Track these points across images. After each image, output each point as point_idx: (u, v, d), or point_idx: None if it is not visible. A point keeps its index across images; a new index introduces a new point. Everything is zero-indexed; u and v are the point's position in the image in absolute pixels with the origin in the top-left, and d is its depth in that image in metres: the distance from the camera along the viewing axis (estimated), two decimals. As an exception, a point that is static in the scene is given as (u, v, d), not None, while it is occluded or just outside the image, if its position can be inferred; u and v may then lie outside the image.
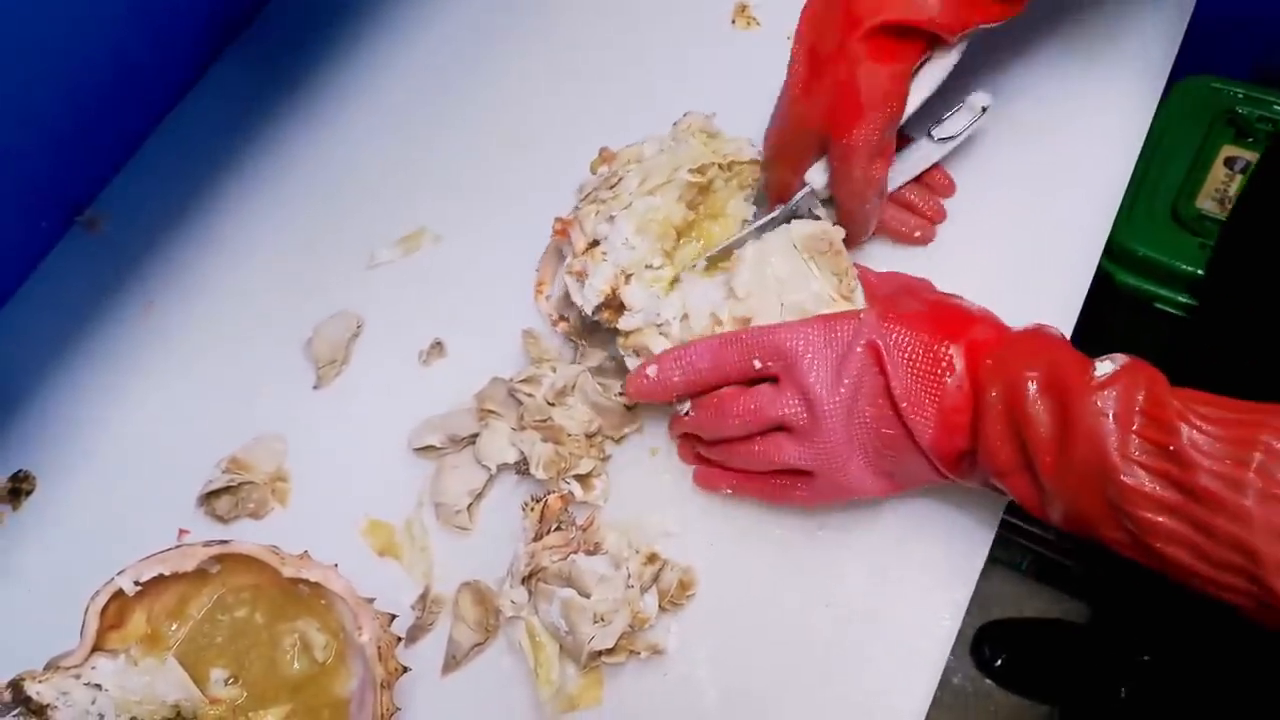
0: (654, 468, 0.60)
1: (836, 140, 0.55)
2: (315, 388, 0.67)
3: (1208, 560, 0.42)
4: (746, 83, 0.67)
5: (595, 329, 0.64)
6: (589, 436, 0.60)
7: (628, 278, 0.60)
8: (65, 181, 0.75)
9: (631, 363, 0.58)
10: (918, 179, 0.63)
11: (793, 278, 0.56)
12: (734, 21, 0.76)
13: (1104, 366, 0.45)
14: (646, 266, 0.61)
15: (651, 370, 0.55)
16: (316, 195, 0.75)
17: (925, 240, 0.63)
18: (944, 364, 0.50)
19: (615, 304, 0.60)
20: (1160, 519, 0.43)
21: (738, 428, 0.54)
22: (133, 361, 0.70)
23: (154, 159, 0.78)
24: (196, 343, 0.70)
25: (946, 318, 0.51)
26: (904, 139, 0.61)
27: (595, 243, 0.60)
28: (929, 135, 0.62)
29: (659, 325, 0.58)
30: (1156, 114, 0.67)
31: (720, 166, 0.61)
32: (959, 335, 0.50)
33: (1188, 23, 0.69)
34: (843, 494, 0.54)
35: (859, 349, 0.50)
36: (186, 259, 0.73)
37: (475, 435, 0.61)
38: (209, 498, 0.63)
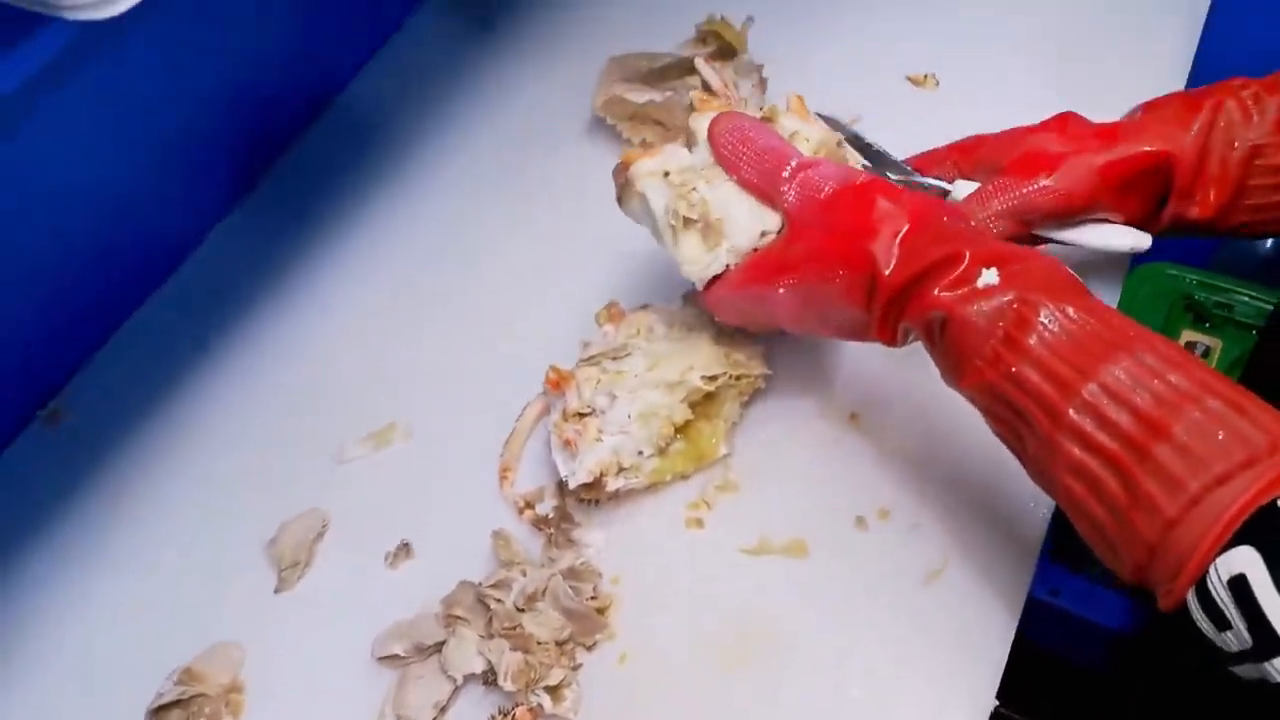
0: (626, 676, 0.58)
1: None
2: (277, 591, 0.65)
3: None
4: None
5: (561, 520, 0.63)
6: (560, 644, 0.58)
7: (619, 469, 0.60)
8: (32, 378, 0.74)
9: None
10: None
11: None
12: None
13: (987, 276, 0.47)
14: (638, 453, 0.61)
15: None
16: (288, 388, 0.74)
17: None
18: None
19: (599, 485, 0.60)
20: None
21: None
22: (86, 562, 0.68)
23: (119, 351, 0.78)
24: (155, 544, 0.68)
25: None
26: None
27: (589, 412, 0.60)
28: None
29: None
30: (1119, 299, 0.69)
31: (732, 376, 0.62)
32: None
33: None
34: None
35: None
36: (149, 454, 0.72)
37: (441, 643, 0.59)
38: (158, 712, 0.59)
